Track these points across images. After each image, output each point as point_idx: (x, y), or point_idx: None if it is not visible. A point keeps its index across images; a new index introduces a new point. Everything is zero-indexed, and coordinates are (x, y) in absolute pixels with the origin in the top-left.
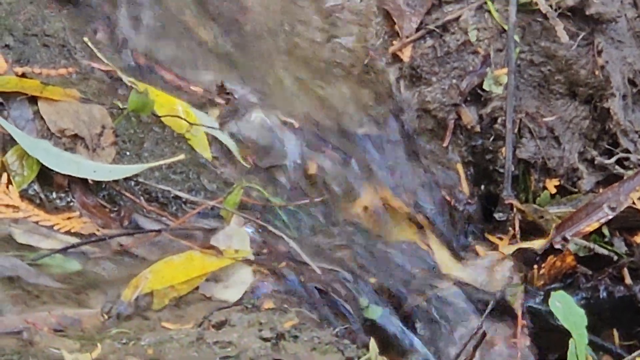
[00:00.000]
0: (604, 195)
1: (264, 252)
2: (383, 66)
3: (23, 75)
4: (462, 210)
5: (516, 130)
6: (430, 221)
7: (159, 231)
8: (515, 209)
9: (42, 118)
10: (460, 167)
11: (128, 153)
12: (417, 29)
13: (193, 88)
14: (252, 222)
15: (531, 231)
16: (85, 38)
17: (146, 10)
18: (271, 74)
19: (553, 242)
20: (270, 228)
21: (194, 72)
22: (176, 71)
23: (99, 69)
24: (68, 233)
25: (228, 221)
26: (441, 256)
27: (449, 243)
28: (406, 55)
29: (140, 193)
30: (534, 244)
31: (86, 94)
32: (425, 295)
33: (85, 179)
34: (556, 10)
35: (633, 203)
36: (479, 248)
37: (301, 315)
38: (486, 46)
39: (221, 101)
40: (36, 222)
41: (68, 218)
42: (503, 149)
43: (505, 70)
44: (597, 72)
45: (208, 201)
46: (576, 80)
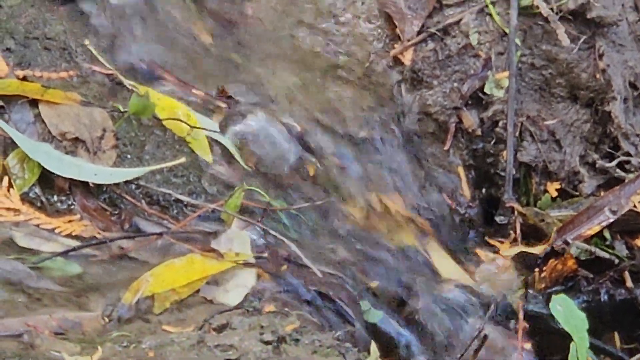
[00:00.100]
0: (605, 198)
1: (265, 255)
2: (384, 69)
3: (24, 78)
4: (463, 213)
5: (517, 133)
6: (431, 224)
7: (160, 234)
8: (516, 212)
9: (43, 121)
10: (461, 171)
11: (129, 156)
12: (419, 32)
13: (194, 91)
14: (253, 225)
15: (532, 234)
16: (86, 41)
17: (147, 13)
18: (272, 78)
19: (554, 246)
20: (271, 231)
21: (195, 75)
22: (177, 74)
23: (100, 72)
24: (69, 236)
25: (229, 224)
26: (442, 259)
27: (450, 246)
28: (407, 58)
29: (141, 196)
30: (535, 248)
31: (87, 97)
32: (426, 298)
33: (86, 182)
34: (557, 13)
35: (634, 206)
36: (480, 251)
37: (302, 318)
38: (487, 49)
39: (222, 104)
40: (37, 225)
41: (69, 221)
42: (504, 152)
43: (506, 73)
44: (598, 76)
45: (209, 204)
46: (577, 83)
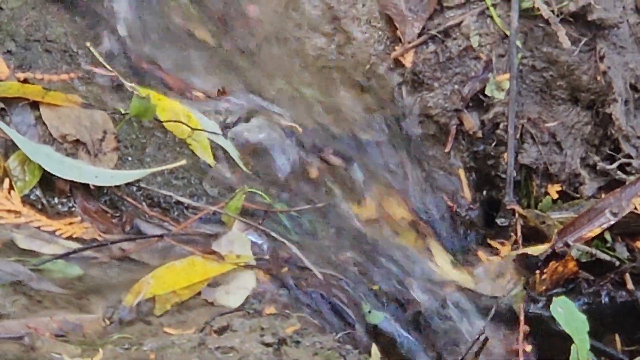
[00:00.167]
0: (606, 200)
1: (266, 258)
2: (385, 71)
3: (25, 80)
4: (464, 215)
5: (518, 135)
6: (432, 226)
7: (161, 236)
8: (517, 215)
9: (44, 123)
10: (462, 173)
11: (130, 158)
12: (419, 35)
13: (195, 93)
14: (254, 228)
15: (533, 237)
16: (87, 43)
17: (148, 15)
18: (273, 79)
19: (555, 248)
20: (272, 233)
21: (196, 77)
22: (178, 76)
23: (101, 74)
24: (70, 238)
25: (230, 226)
26: (443, 262)
27: (451, 248)
28: (408, 60)
29: (142, 198)
30: (536, 250)
31: (88, 99)
32: (427, 300)
33: (87, 184)
34: (558, 15)
35: (635, 208)
36: (481, 253)
37: (303, 320)
38: (488, 52)
39: (223, 106)
40: (38, 228)
41: (70, 223)
42: (505, 155)
43: (507, 75)
44: (599, 78)
45: (210, 206)
46: (578, 85)
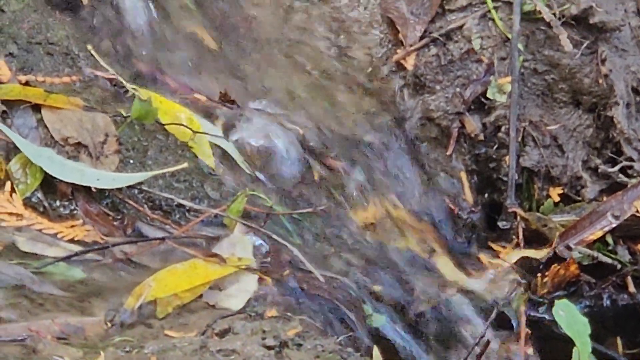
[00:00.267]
0: (608, 203)
1: (268, 260)
2: (387, 74)
3: (27, 83)
4: (466, 218)
5: (520, 138)
6: (433, 229)
7: (163, 239)
8: (519, 218)
9: (46, 126)
10: (464, 176)
11: (131, 161)
12: (421, 38)
13: (197, 96)
14: (256, 230)
15: (535, 239)
16: (88, 46)
17: (149, 18)
18: (275, 81)
19: (557, 251)
20: (273, 236)
21: (198, 80)
22: (180, 79)
23: (103, 77)
24: (71, 241)
25: (231, 229)
26: (445, 264)
27: (453, 251)
28: (410, 63)
29: (143, 201)
30: (538, 253)
31: (89, 102)
32: (428, 303)
33: (88, 187)
34: (560, 18)
35: (637, 211)
36: (483, 256)
37: (304, 323)
38: (490, 54)
39: (225, 109)
40: (40, 230)
41: (71, 226)
42: (507, 158)
43: (508, 78)
44: (601, 81)
45: (211, 209)
46: (580, 88)
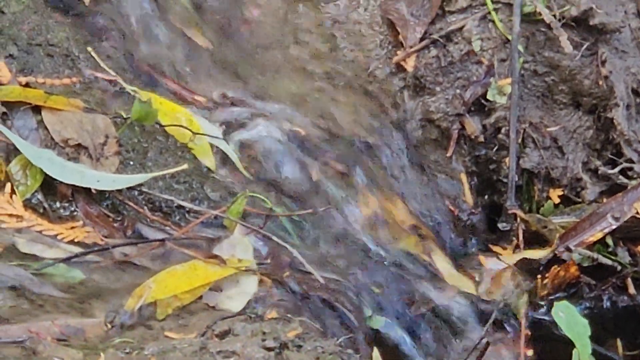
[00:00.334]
0: (608, 205)
1: (268, 262)
2: (387, 76)
3: (27, 84)
4: (466, 220)
5: (520, 140)
6: (433, 231)
7: (163, 241)
8: (519, 219)
9: (46, 128)
10: (463, 177)
11: (132, 162)
12: (421, 39)
13: (196, 97)
14: (256, 232)
15: (535, 241)
16: (89, 48)
17: (149, 20)
18: (275, 83)
19: (557, 252)
20: (273, 237)
21: (198, 82)
22: (180, 80)
23: (103, 79)
24: (71, 242)
25: (231, 230)
26: (444, 266)
27: (453, 253)
28: (410, 65)
29: (143, 202)
30: (538, 254)
31: (90, 104)
32: (428, 305)
33: (88, 189)
34: (560, 20)
35: (637, 213)
36: (483, 258)
37: (304, 324)
38: (490, 56)
39: (224, 110)
40: (40, 232)
41: (71, 227)
42: (507, 159)
43: (509, 80)
44: (601, 82)
45: (211, 210)
46: (580, 90)
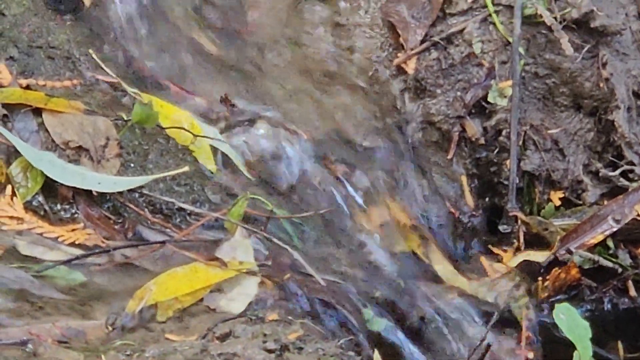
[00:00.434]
0: (609, 207)
1: (268, 264)
2: (387, 78)
3: (27, 87)
4: (467, 222)
5: (521, 142)
6: (434, 233)
7: (163, 243)
8: (519, 221)
9: (47, 130)
10: (464, 179)
11: (132, 165)
12: (422, 41)
13: (198, 100)
14: (257, 234)
15: (535, 243)
16: (89, 50)
17: (150, 22)
18: (276, 86)
19: (557, 254)
20: (274, 240)
21: (199, 84)
22: (181, 83)
23: (104, 81)
24: (72, 245)
25: (232, 233)
26: (445, 268)
27: (454, 255)
28: (411, 67)
29: (144, 205)
30: (539, 256)
31: (91, 106)
32: (429, 307)
33: (89, 191)
34: (561, 22)
35: (638, 215)
36: (484, 260)
37: (305, 327)
38: (491, 58)
39: (226, 113)
40: (40, 234)
41: (72, 230)
42: (507, 161)
43: (509, 82)
44: (602, 85)
45: (212, 213)
46: (581, 92)
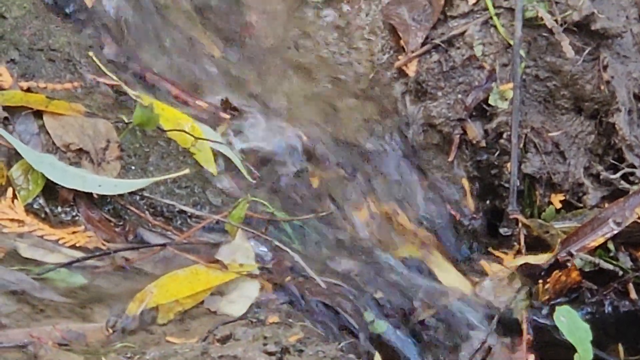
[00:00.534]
0: (609, 210)
1: (269, 267)
2: (388, 81)
3: (28, 89)
4: (467, 225)
5: (521, 145)
6: (435, 235)
7: (164, 245)
8: (520, 224)
9: (48, 132)
10: (465, 182)
11: (133, 167)
12: (423, 44)
13: (198, 102)
14: (257, 237)
15: (536, 246)
16: (90, 52)
17: (151, 24)
18: (276, 88)
19: (558, 257)
20: (275, 242)
21: (199, 86)
22: (181, 85)
23: (104, 83)
24: (73, 247)
25: (233, 235)
26: (446, 271)
27: (454, 257)
28: (412, 69)
29: (145, 207)
30: (539, 259)
31: (91, 108)
32: (430, 309)
33: (90, 193)
34: (562, 25)
35: (638, 218)
36: (484, 263)
37: (306, 329)
38: (492, 61)
39: (226, 115)
40: (41, 236)
41: (73, 232)
42: (508, 164)
43: (510, 85)
44: (603, 87)
45: (213, 215)
46: (582, 95)
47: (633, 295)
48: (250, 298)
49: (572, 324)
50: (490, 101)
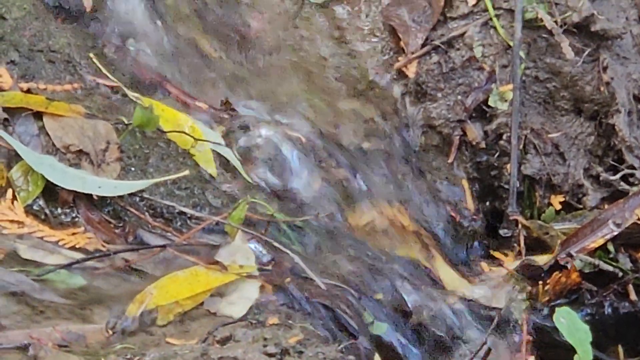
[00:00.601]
0: (609, 211)
1: (269, 268)
2: (388, 82)
3: (28, 90)
4: (467, 226)
5: (521, 146)
6: (435, 237)
7: (164, 247)
8: (520, 225)
9: (47, 134)
10: (465, 183)
11: (133, 169)
12: (423, 45)
13: (198, 104)
14: (257, 238)
15: (536, 247)
16: (90, 54)
17: (151, 26)
18: (276, 90)
19: (558, 258)
20: (275, 244)
21: (199, 88)
22: (181, 87)
23: (104, 85)
24: (73, 248)
25: (233, 237)
26: (446, 272)
27: (454, 259)
28: (411, 71)
29: (145, 209)
30: (539, 260)
31: (91, 110)
32: (430, 311)
33: (90, 195)
34: (561, 26)
35: (638, 219)
36: (484, 264)
37: (306, 330)
38: (491, 62)
39: (226, 117)
40: (41, 238)
41: (73, 233)
42: (508, 165)
43: (510, 86)
44: (603, 89)
45: (213, 217)
46: (581, 96)
47: (633, 296)
48: (250, 299)
49: (572, 325)
50: (490, 102)
